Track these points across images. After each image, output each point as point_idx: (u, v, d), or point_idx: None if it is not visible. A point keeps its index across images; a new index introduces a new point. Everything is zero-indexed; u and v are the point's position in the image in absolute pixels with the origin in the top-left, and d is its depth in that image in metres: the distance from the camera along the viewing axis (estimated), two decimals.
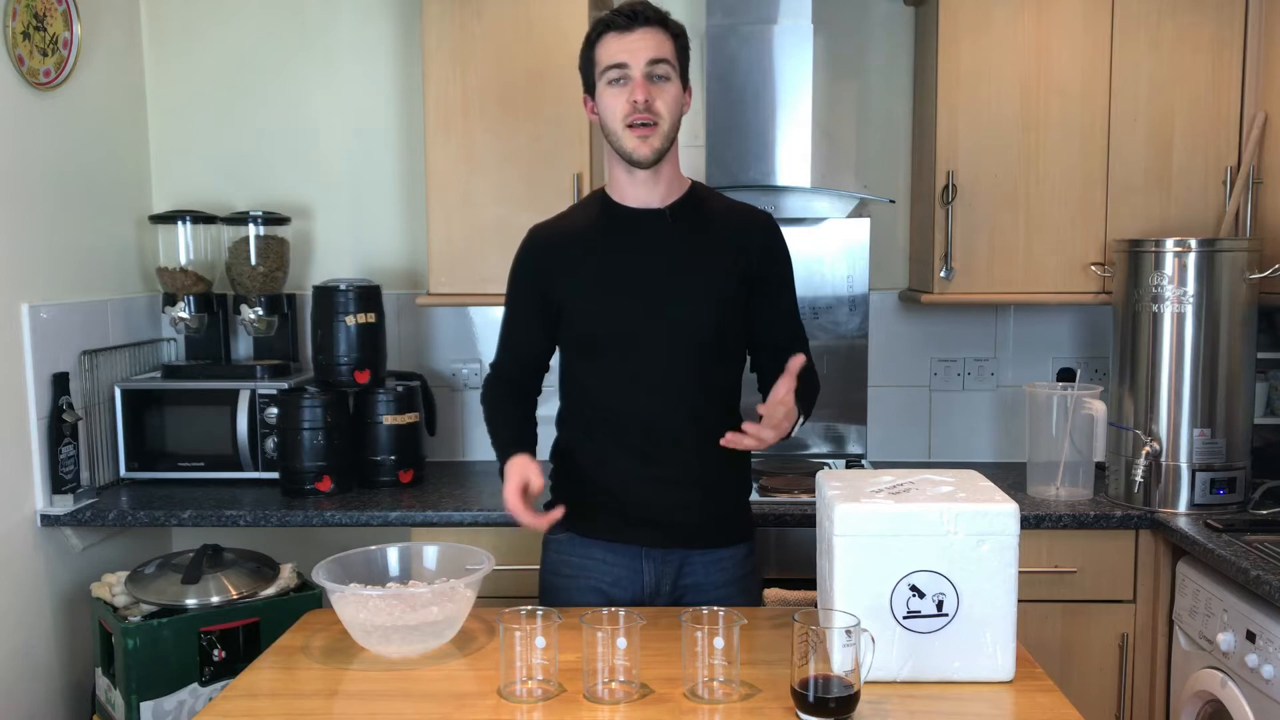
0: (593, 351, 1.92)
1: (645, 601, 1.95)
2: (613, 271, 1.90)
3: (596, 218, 1.95)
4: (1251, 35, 2.65)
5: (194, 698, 2.30)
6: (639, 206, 1.92)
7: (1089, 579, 2.48)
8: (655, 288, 1.88)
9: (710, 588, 1.95)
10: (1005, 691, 1.57)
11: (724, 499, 1.99)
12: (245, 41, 3.04)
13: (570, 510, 1.96)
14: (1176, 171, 2.70)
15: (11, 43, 2.42)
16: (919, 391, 3.08)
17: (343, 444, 2.73)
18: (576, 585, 1.97)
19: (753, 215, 1.98)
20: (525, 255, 1.98)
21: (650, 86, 1.81)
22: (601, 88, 1.86)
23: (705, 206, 1.95)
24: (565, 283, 1.92)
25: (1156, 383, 2.50)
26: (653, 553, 1.94)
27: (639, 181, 1.90)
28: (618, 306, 1.89)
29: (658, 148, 1.84)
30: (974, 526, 1.56)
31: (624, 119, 1.83)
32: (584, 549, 1.97)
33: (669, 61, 1.83)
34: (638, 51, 1.81)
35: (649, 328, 1.88)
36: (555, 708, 1.53)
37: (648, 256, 1.90)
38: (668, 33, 1.85)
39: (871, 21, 3.00)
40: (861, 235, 2.98)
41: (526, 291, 1.97)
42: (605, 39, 1.84)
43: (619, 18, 1.83)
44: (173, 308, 2.88)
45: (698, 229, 1.92)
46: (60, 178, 2.62)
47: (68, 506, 2.53)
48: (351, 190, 3.08)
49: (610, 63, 1.83)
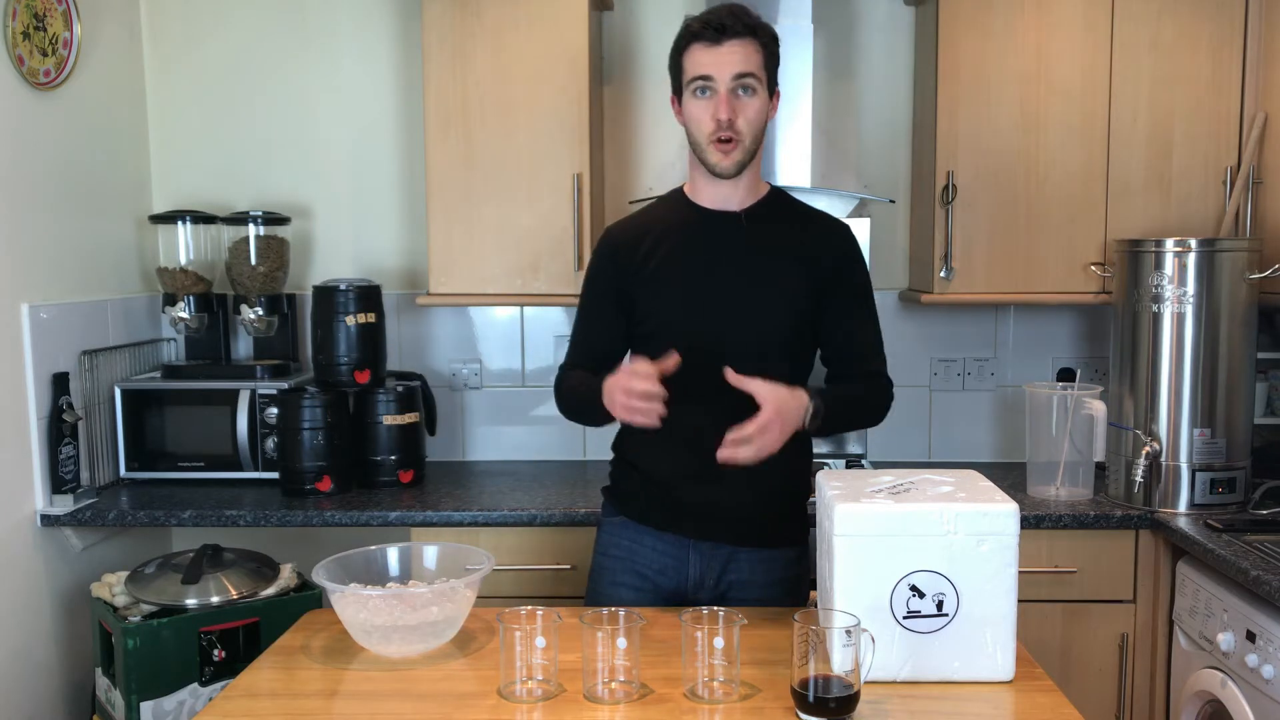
0: (661, 347, 1.89)
1: (689, 592, 1.97)
2: (686, 270, 1.92)
3: (675, 216, 1.97)
4: (1251, 35, 2.65)
5: (194, 698, 2.30)
6: (716, 209, 1.94)
7: (1089, 579, 2.48)
8: (726, 289, 1.90)
9: (756, 586, 1.96)
10: (1005, 691, 1.57)
11: (777, 501, 1.99)
12: (245, 41, 3.04)
13: (626, 498, 2.01)
14: (1176, 171, 2.70)
15: (11, 43, 2.42)
16: (919, 391, 3.08)
17: (343, 444, 2.73)
18: (623, 566, 1.99)
19: (828, 223, 1.99)
20: (602, 252, 2.01)
21: (734, 102, 1.82)
22: (688, 97, 1.86)
23: (782, 212, 1.97)
24: (640, 277, 1.93)
25: (1156, 383, 2.50)
26: (701, 545, 1.95)
27: (718, 185, 1.92)
28: (689, 305, 1.91)
29: (739, 160, 1.86)
30: (974, 526, 1.56)
31: (709, 134, 1.84)
32: (635, 534, 1.99)
33: (755, 75, 1.83)
34: (724, 66, 1.81)
35: (717, 328, 1.89)
36: (555, 708, 1.53)
37: (722, 258, 1.91)
38: (757, 43, 1.83)
39: (871, 21, 3.00)
40: (861, 235, 2.96)
41: (603, 288, 1.98)
42: (693, 49, 1.84)
43: (708, 30, 1.82)
44: (173, 308, 2.88)
45: (773, 234, 1.93)
46: (60, 178, 2.62)
47: (68, 506, 2.53)
48: (351, 190, 3.08)
49: (696, 74, 1.83)
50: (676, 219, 1.96)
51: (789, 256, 1.92)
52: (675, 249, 1.93)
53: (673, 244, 1.94)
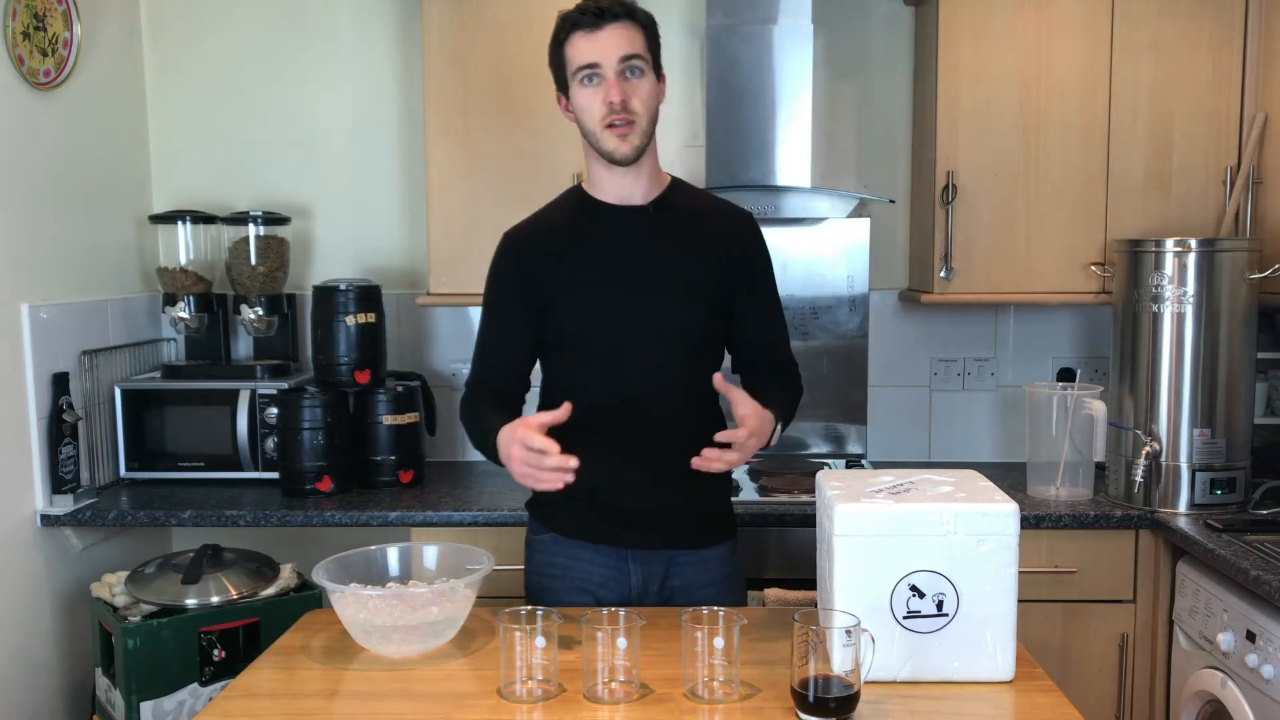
0: (576, 350, 1.89)
1: (633, 602, 1.93)
2: (597, 269, 1.87)
3: (577, 215, 1.92)
4: (1251, 35, 2.65)
5: (194, 698, 2.30)
6: (620, 203, 1.89)
7: (1089, 579, 2.48)
8: (640, 285, 1.86)
9: (698, 587, 1.94)
10: (1005, 691, 1.57)
11: (709, 498, 1.98)
12: (245, 41, 3.04)
13: (554, 511, 1.95)
14: (1176, 171, 2.70)
15: (11, 43, 2.42)
16: (919, 391, 3.08)
17: (343, 444, 2.73)
18: (563, 585, 1.95)
19: (733, 213, 1.97)
20: (505, 259, 1.93)
21: (624, 84, 1.78)
22: (575, 88, 1.82)
23: (686, 203, 1.93)
24: (549, 282, 1.88)
25: (1156, 383, 2.50)
26: (639, 554, 1.93)
27: (619, 177, 1.87)
28: (603, 304, 1.86)
29: (637, 145, 1.81)
30: (974, 526, 1.56)
31: (601, 120, 1.80)
32: (569, 550, 1.95)
33: (641, 56, 1.79)
34: (609, 50, 1.77)
35: (634, 325, 1.86)
36: (555, 708, 1.53)
37: (632, 253, 1.87)
38: (637, 25, 1.80)
39: (871, 21, 3.00)
40: (861, 235, 2.98)
41: (508, 296, 1.91)
42: (574, 38, 1.80)
43: (585, 16, 1.78)
44: (173, 308, 2.88)
45: (679, 225, 1.89)
46: (60, 178, 2.62)
47: (68, 506, 2.53)
48: (351, 190, 3.08)
49: (581, 63, 1.79)
50: (581, 218, 1.90)
51: (699, 247, 1.89)
52: (584, 249, 1.88)
53: (581, 244, 1.88)
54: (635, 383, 1.86)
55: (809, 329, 2.98)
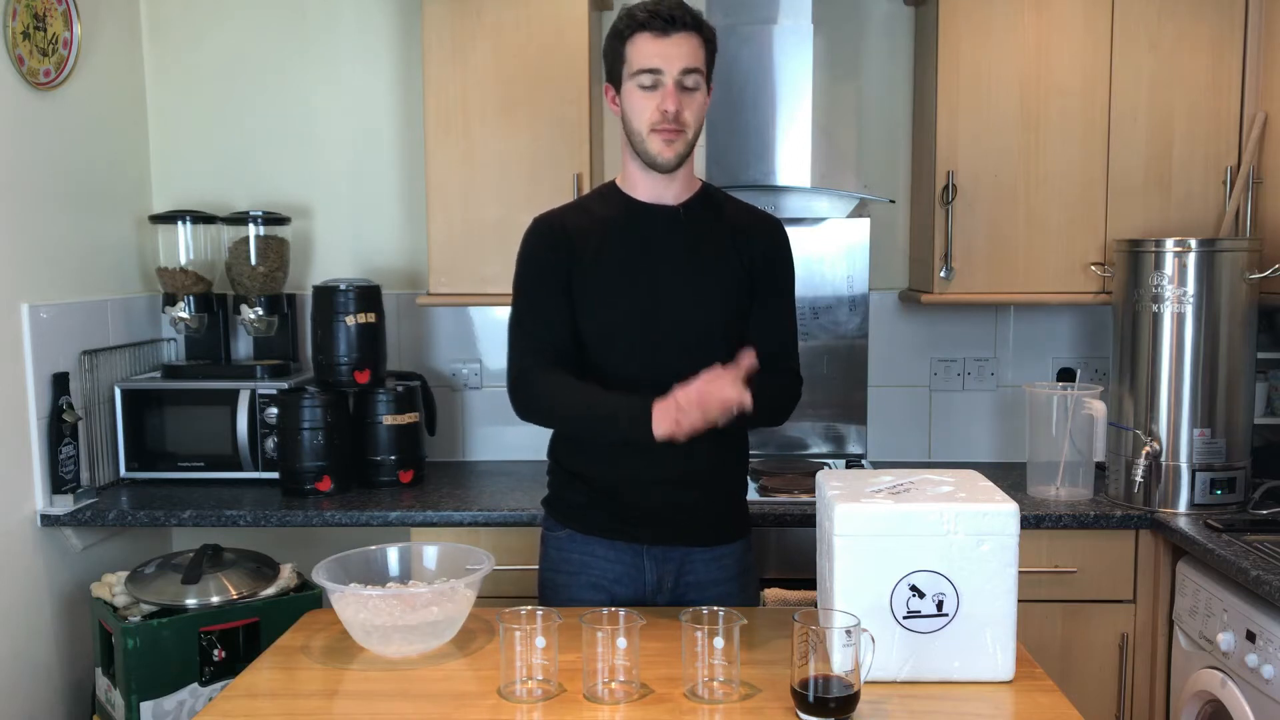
0: (600, 344, 1.90)
1: (647, 599, 1.95)
2: (628, 266, 1.89)
3: (612, 210, 1.93)
4: (1251, 35, 2.65)
5: (194, 698, 2.30)
6: (653, 202, 1.91)
7: (1089, 579, 2.48)
8: (667, 284, 1.88)
9: (711, 584, 1.95)
10: (1005, 691, 1.57)
11: (724, 496, 1.99)
12: (245, 41, 3.04)
13: (571, 508, 1.97)
14: (1176, 171, 2.70)
15: (11, 43, 2.42)
16: (919, 391, 3.08)
17: (343, 444, 2.73)
18: (578, 582, 1.96)
19: (762, 218, 1.99)
20: (544, 237, 1.91)
21: (681, 96, 1.80)
22: (630, 87, 1.83)
23: (716, 207, 1.96)
24: (582, 271, 1.89)
25: (1156, 383, 2.50)
26: (654, 550, 1.94)
27: (655, 179, 1.89)
28: (631, 301, 1.88)
29: (681, 153, 1.85)
30: (974, 526, 1.56)
31: (651, 124, 1.81)
32: (584, 546, 1.96)
33: (700, 70, 1.82)
34: (673, 59, 1.78)
35: (658, 323, 1.88)
36: (555, 708, 1.53)
37: (661, 253, 1.89)
38: (701, 38, 1.82)
39: (871, 21, 3.00)
40: (861, 235, 2.98)
41: (552, 269, 1.88)
42: (639, 38, 1.80)
43: (656, 19, 1.78)
44: (173, 308, 2.88)
45: (708, 228, 1.92)
46: (60, 178, 2.62)
47: (68, 506, 2.53)
48: (351, 190, 3.08)
49: (644, 66, 1.79)
50: (613, 213, 1.92)
51: (727, 250, 1.91)
52: (615, 243, 1.89)
53: (612, 238, 1.90)
54: (654, 380, 1.86)
55: (809, 329, 2.98)
